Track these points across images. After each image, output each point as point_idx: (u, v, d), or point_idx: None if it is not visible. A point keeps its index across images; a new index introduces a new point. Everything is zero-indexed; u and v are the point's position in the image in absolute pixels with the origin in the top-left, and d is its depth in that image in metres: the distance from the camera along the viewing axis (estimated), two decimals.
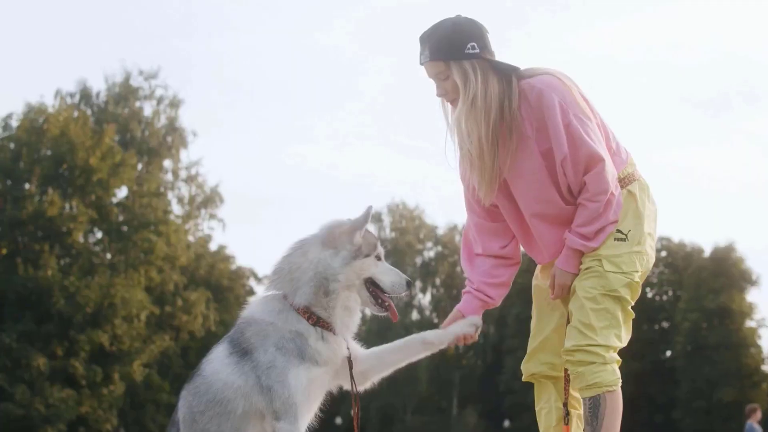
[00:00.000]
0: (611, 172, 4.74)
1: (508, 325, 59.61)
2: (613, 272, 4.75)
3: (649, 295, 63.10)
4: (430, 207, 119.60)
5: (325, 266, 4.69)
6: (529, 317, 5.36)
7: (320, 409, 4.91)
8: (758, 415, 28.04)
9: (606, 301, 4.74)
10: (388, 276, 4.82)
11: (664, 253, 63.42)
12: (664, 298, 64.12)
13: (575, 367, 4.73)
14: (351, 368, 4.82)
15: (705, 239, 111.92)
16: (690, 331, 56.95)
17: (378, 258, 4.82)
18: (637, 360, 56.75)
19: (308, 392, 4.61)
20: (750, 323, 58.43)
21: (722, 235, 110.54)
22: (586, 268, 4.80)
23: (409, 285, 4.87)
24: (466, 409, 66.42)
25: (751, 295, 63.02)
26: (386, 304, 4.85)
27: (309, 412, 4.70)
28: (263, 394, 4.51)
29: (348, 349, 4.79)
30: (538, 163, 4.78)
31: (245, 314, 4.82)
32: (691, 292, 57.73)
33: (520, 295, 58.23)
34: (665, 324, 62.61)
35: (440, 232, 72.53)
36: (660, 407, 58.70)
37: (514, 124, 4.72)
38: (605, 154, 4.72)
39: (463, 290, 5.14)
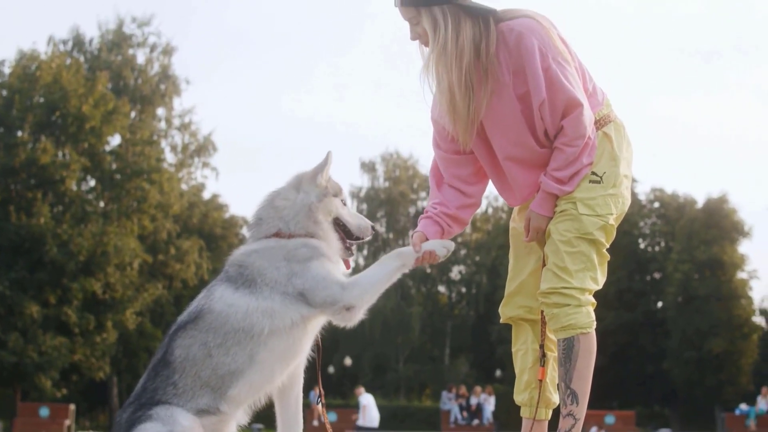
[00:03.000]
0: (589, 117, 4.74)
1: (501, 275, 59.61)
2: (587, 215, 4.77)
3: (641, 245, 63.21)
4: (424, 156, 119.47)
5: (305, 202, 4.79)
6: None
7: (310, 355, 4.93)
8: None
9: (581, 244, 4.76)
10: (355, 219, 4.95)
11: (656, 204, 63.43)
12: (656, 249, 64.18)
13: (550, 309, 4.77)
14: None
15: (698, 190, 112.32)
16: (681, 282, 57.04)
17: (343, 203, 4.93)
18: (628, 310, 56.98)
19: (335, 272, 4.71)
20: (741, 275, 58.55)
21: (715, 186, 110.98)
22: (561, 211, 4.82)
23: (374, 229, 4.98)
24: (458, 358, 66.73)
25: (743, 247, 63.43)
26: (352, 247, 4.93)
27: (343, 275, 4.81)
28: (297, 302, 4.58)
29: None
30: (514, 106, 4.76)
31: (238, 252, 4.88)
32: (683, 243, 57.77)
33: None
34: (657, 275, 62.70)
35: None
36: (650, 357, 58.93)
37: (490, 67, 4.69)
38: (583, 98, 4.72)
39: (422, 216, 5.15)
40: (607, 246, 4.88)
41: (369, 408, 28.12)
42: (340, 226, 4.89)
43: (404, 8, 4.77)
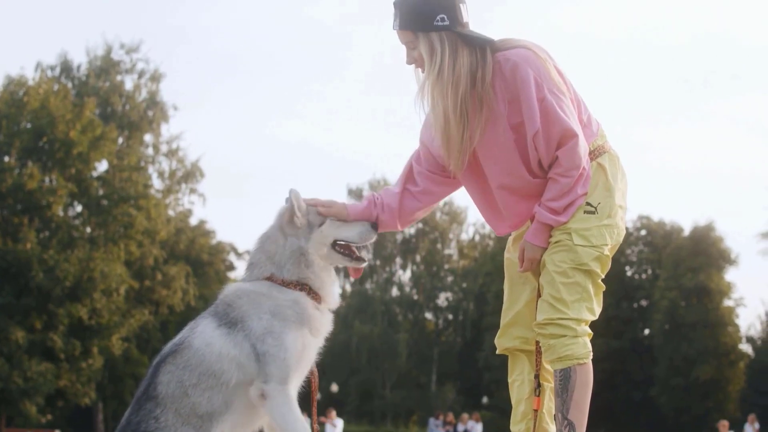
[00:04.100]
0: (584, 147, 4.72)
1: (488, 302, 59.77)
2: (582, 246, 4.74)
3: (628, 273, 63.31)
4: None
5: (295, 246, 4.76)
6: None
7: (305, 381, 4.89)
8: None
9: (576, 275, 4.74)
10: (353, 229, 4.88)
11: (643, 232, 63.60)
12: (643, 276, 64.31)
13: (546, 340, 4.74)
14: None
15: (684, 218, 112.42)
16: (668, 310, 57.18)
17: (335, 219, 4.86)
18: (615, 338, 57.03)
19: (301, 357, 4.62)
20: (728, 302, 58.71)
21: (702, 214, 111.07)
22: (556, 242, 4.80)
23: (375, 227, 4.92)
24: (445, 385, 66.66)
25: (730, 275, 63.49)
26: (361, 254, 4.90)
27: (298, 380, 4.69)
28: (257, 360, 4.50)
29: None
30: (508, 136, 4.74)
31: (231, 289, 4.81)
32: (670, 271, 57.93)
33: (500, 273, 57.99)
34: (644, 302, 62.84)
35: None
36: (638, 384, 58.97)
37: (485, 96, 4.68)
38: (578, 129, 4.70)
39: (368, 198, 5.13)
40: (603, 276, 4.85)
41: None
42: (341, 245, 4.84)
43: (402, 32, 4.77)
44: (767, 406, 54.49)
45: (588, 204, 4.80)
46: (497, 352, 5.33)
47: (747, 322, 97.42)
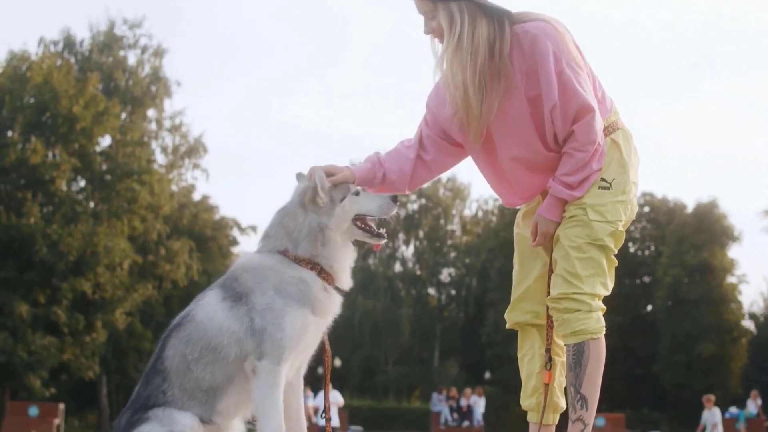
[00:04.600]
0: (599, 123, 4.72)
1: (491, 278, 59.78)
2: (597, 221, 4.75)
3: (632, 249, 63.28)
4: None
5: (315, 222, 4.69)
6: (512, 271, 5.34)
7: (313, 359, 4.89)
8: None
9: (591, 250, 4.74)
10: (373, 202, 4.82)
11: (647, 209, 63.51)
12: (646, 253, 64.30)
13: (561, 314, 4.75)
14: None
15: (688, 195, 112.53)
16: (671, 286, 57.22)
17: (356, 194, 4.81)
18: (618, 314, 56.99)
19: (300, 338, 4.57)
20: (731, 279, 58.75)
21: (705, 191, 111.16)
22: (571, 217, 4.80)
23: (395, 200, 4.83)
24: (447, 360, 66.79)
25: (733, 251, 63.40)
26: (381, 230, 4.85)
27: (294, 359, 4.64)
28: (254, 336, 4.48)
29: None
30: (524, 109, 4.73)
31: (241, 261, 4.76)
32: (673, 248, 57.94)
33: (503, 249, 58.47)
34: (647, 279, 62.89)
35: (424, 185, 72.54)
36: (640, 361, 59.03)
37: (503, 68, 4.66)
38: (595, 104, 4.69)
39: (371, 158, 5.13)
40: (616, 252, 4.87)
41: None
42: (362, 219, 4.80)
43: (421, 1, 4.74)
44: None
45: (603, 180, 4.80)
46: (507, 326, 5.32)
47: (749, 298, 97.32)
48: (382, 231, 4.87)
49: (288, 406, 4.72)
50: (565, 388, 4.93)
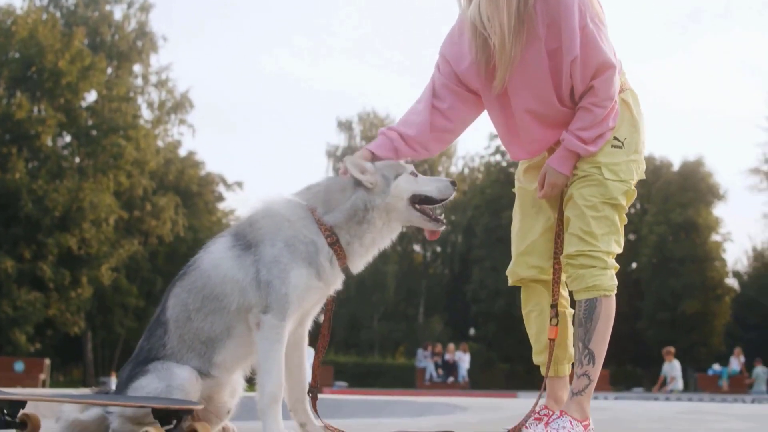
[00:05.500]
0: (617, 80, 4.77)
1: (476, 235, 59.85)
2: (612, 180, 4.80)
3: None
4: (400, 116, 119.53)
5: (364, 200, 4.57)
6: (497, 227, 5.38)
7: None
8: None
9: (606, 209, 4.81)
10: (432, 184, 4.71)
11: None
12: (632, 211, 64.34)
13: (576, 270, 4.79)
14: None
15: (674, 154, 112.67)
16: (656, 244, 57.37)
17: (414, 174, 4.70)
18: None
19: (304, 296, 4.50)
20: (715, 237, 58.88)
21: (691, 149, 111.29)
22: (585, 176, 4.84)
23: (454, 185, 4.76)
24: (432, 317, 66.89)
25: (718, 210, 63.55)
26: (439, 216, 4.73)
27: (299, 318, 4.60)
28: (260, 288, 4.40)
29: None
30: (544, 61, 4.72)
31: (260, 207, 4.63)
32: (659, 206, 58.04)
33: (489, 206, 58.57)
34: (632, 236, 62.99)
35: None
36: (624, 318, 59.20)
37: (527, 18, 4.65)
38: (616, 61, 4.73)
39: (381, 130, 5.06)
40: (627, 210, 4.93)
41: None
42: (419, 200, 4.66)
43: None
44: (752, 339, 54.93)
45: (615, 139, 4.85)
46: (510, 282, 5.33)
47: (734, 256, 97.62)
48: (441, 217, 4.77)
49: (290, 361, 4.71)
50: (573, 343, 4.97)
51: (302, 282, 4.45)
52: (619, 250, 4.89)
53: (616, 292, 4.83)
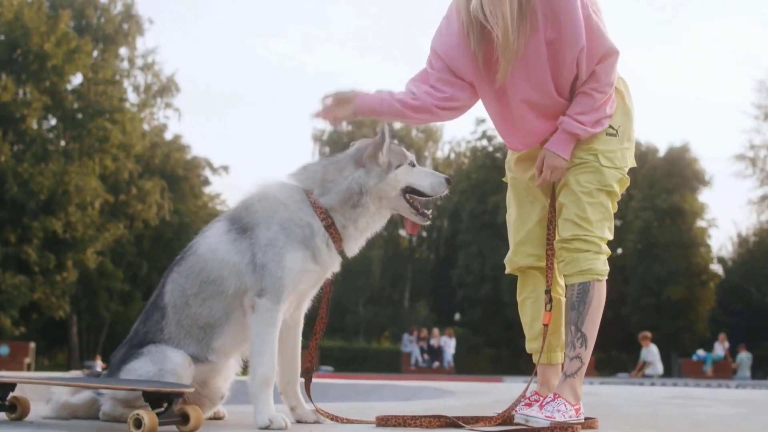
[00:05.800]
0: (617, 67, 4.81)
1: (462, 220, 59.89)
2: (608, 167, 4.88)
3: None
4: None
5: (359, 182, 4.61)
6: (483, 212, 5.41)
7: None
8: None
9: (601, 196, 4.89)
10: (427, 179, 4.74)
11: None
12: None
13: (570, 254, 4.86)
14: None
15: (660, 139, 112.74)
16: (642, 230, 57.48)
17: (412, 165, 4.74)
18: None
19: (299, 279, 4.53)
20: (701, 223, 59.01)
21: (677, 135, 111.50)
22: (582, 163, 4.89)
23: (449, 182, 4.80)
24: (418, 302, 66.97)
25: (703, 196, 63.73)
26: (426, 212, 4.75)
27: (291, 300, 4.60)
28: (255, 272, 4.43)
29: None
30: (542, 52, 4.73)
31: (256, 191, 4.67)
32: (645, 191, 58.14)
33: (474, 191, 58.63)
34: (617, 222, 63.08)
35: (397, 126, 72.56)
36: (609, 303, 58.41)
37: (528, 9, 4.66)
38: (618, 48, 4.77)
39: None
40: (619, 198, 5.02)
41: None
42: (410, 192, 4.71)
43: None
44: (736, 325, 55.12)
45: (610, 127, 4.91)
46: (507, 271, 5.38)
47: (719, 242, 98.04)
48: (428, 212, 4.80)
49: (284, 344, 4.74)
50: (565, 327, 5.01)
51: (297, 265, 4.49)
52: (611, 237, 4.96)
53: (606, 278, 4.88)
